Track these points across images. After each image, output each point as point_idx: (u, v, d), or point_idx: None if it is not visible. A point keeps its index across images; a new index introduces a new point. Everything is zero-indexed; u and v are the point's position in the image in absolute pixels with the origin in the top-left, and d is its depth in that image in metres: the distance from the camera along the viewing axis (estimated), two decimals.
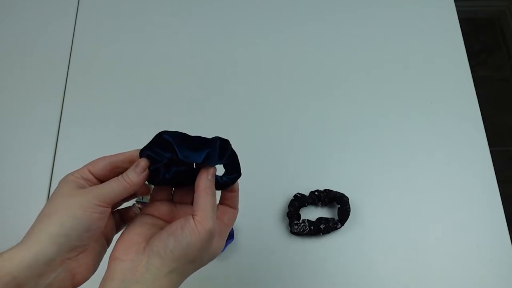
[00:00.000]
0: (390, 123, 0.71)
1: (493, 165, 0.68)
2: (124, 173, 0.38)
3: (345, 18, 0.80)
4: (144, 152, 0.39)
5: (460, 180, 0.67)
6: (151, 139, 0.39)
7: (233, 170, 0.40)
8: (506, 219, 0.64)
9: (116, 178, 0.38)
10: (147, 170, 0.38)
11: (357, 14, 0.80)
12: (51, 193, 0.65)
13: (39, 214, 0.36)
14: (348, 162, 0.68)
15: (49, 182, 0.66)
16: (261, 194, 0.65)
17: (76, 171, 0.38)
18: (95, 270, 0.38)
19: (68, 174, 0.38)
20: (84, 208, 0.35)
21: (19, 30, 0.78)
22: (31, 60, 0.75)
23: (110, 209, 0.37)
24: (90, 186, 0.38)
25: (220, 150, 0.40)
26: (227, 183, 0.40)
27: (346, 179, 0.66)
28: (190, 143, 0.38)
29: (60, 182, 0.38)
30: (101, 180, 0.39)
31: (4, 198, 0.65)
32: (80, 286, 0.36)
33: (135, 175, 0.38)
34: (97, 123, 0.70)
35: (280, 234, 0.63)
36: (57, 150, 0.68)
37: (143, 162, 0.38)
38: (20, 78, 0.74)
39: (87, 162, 0.39)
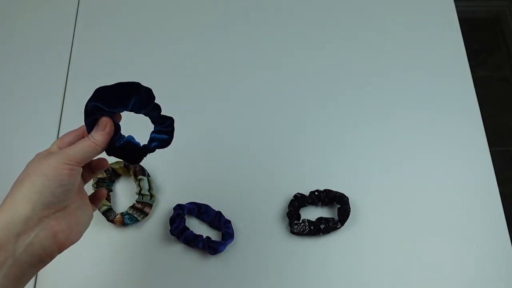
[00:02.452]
0: (390, 123, 0.71)
1: (493, 165, 0.68)
2: (90, 135, 0.40)
3: (344, 17, 0.80)
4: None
5: (460, 180, 0.67)
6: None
7: (164, 124, 0.44)
8: (506, 219, 0.64)
9: (83, 139, 0.40)
10: (109, 126, 0.41)
11: (356, 14, 0.80)
12: None
13: (12, 185, 0.37)
14: (348, 162, 0.68)
15: None
16: (261, 194, 0.65)
17: (46, 149, 0.41)
18: (80, 233, 0.39)
19: (41, 151, 0.40)
20: (53, 167, 0.36)
21: (19, 29, 0.78)
22: (31, 59, 0.75)
23: (81, 168, 0.39)
24: None
25: (146, 97, 0.43)
26: (158, 146, 0.44)
27: (346, 179, 0.66)
28: (111, 95, 0.42)
29: (35, 157, 0.40)
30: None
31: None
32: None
33: (99, 134, 0.40)
34: None
35: (280, 234, 0.63)
36: None
37: (103, 120, 0.41)
38: (20, 78, 0.74)
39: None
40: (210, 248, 0.59)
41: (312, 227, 0.61)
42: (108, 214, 0.60)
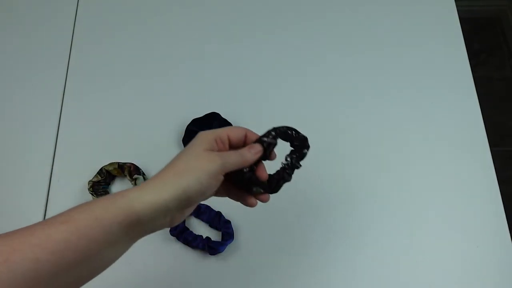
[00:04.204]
0: (390, 123, 0.71)
1: (493, 165, 0.67)
2: (243, 152, 0.43)
3: (344, 17, 0.80)
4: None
5: (460, 180, 0.67)
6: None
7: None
8: (507, 219, 0.64)
9: (236, 152, 0.42)
10: (260, 153, 0.44)
11: (356, 13, 0.80)
12: (50, 194, 0.65)
13: (172, 165, 0.40)
14: (348, 163, 0.68)
15: (48, 183, 0.65)
16: None
17: (216, 132, 0.43)
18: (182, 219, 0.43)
19: (208, 132, 0.42)
20: (209, 176, 0.39)
21: (19, 28, 0.78)
22: (30, 58, 0.75)
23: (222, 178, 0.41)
24: (218, 150, 0.42)
25: (224, 122, 0.64)
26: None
27: (346, 179, 0.66)
28: (201, 121, 0.64)
29: (198, 137, 0.42)
30: (231, 147, 0.44)
31: (3, 198, 0.65)
32: None
33: (251, 156, 0.43)
34: (97, 122, 0.70)
35: (280, 234, 0.63)
36: (56, 149, 0.68)
37: (257, 147, 0.44)
38: (20, 77, 0.74)
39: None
40: (210, 248, 0.59)
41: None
42: None
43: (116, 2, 0.81)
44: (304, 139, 0.47)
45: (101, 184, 0.63)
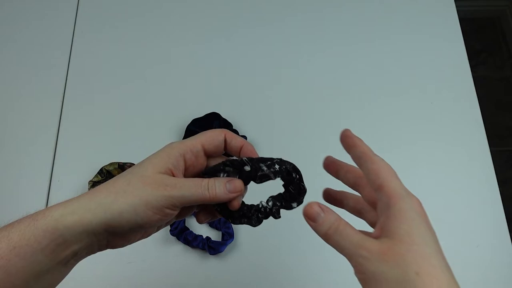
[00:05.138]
0: (390, 123, 0.71)
1: (493, 165, 0.68)
2: (212, 183, 0.34)
3: (343, 17, 0.80)
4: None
5: (460, 180, 0.67)
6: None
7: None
8: (506, 219, 0.64)
9: (199, 183, 0.33)
10: (239, 192, 0.35)
11: (356, 13, 0.80)
12: (50, 194, 0.65)
13: (113, 180, 0.33)
14: (347, 162, 0.68)
15: (48, 183, 0.65)
16: (261, 194, 0.65)
17: (186, 144, 0.35)
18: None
19: (175, 144, 0.35)
20: (148, 208, 0.32)
21: (19, 28, 0.78)
22: (31, 60, 0.75)
23: (177, 212, 0.34)
24: (186, 168, 0.35)
25: (224, 122, 0.59)
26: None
27: None
28: (201, 121, 0.59)
29: (164, 149, 0.35)
30: (209, 155, 0.36)
31: (3, 198, 0.65)
32: None
33: (223, 193, 0.34)
34: (98, 122, 0.70)
35: (280, 234, 0.63)
36: (57, 150, 0.68)
37: (239, 185, 0.35)
38: (20, 77, 0.74)
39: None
40: (210, 248, 0.59)
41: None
42: None
43: (116, 2, 0.81)
44: (303, 191, 0.40)
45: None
